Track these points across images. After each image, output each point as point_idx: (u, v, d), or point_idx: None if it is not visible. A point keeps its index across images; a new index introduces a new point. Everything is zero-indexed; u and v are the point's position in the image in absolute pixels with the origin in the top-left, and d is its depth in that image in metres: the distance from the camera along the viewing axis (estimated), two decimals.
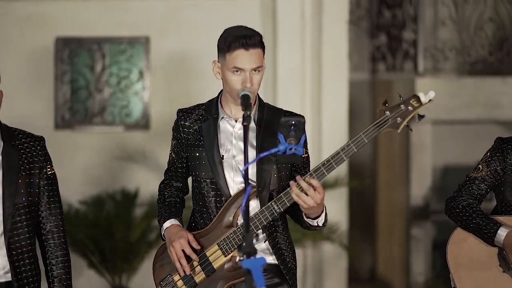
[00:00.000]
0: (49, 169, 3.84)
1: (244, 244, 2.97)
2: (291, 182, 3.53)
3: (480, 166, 4.02)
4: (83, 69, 7.42)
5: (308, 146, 3.85)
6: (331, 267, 7.45)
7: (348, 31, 7.49)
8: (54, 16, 7.35)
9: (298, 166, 3.75)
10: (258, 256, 3.63)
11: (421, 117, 3.55)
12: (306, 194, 3.50)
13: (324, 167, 3.52)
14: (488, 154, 4.03)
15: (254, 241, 3.70)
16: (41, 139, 3.84)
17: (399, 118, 3.53)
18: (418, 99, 3.54)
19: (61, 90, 7.39)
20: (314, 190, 3.49)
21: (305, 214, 3.62)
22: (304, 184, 3.50)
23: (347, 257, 7.50)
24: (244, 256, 2.96)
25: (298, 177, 3.52)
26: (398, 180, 8.40)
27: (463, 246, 3.98)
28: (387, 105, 3.56)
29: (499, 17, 8.35)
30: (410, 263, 8.09)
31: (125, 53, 7.41)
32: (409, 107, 3.53)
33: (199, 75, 7.29)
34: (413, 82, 7.91)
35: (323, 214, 3.63)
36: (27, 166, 3.77)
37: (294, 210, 3.66)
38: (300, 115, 3.74)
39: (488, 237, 3.91)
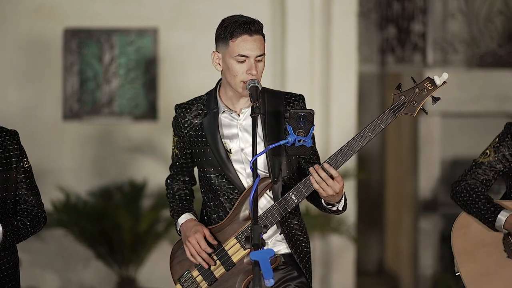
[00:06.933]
0: (25, 162, 3.78)
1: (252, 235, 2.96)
2: (311, 169, 3.49)
3: (487, 151, 3.95)
4: (91, 60, 7.41)
5: (316, 138, 3.78)
6: (338, 259, 7.44)
7: (357, 23, 7.47)
8: (63, 7, 7.34)
9: (306, 157, 3.70)
10: (271, 246, 3.64)
11: (436, 99, 3.54)
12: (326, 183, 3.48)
13: (341, 155, 3.51)
14: (497, 139, 3.95)
15: (270, 233, 3.66)
16: (15, 133, 3.78)
17: (414, 102, 3.52)
18: (432, 81, 3.53)
19: (69, 81, 7.39)
20: (333, 179, 3.48)
21: (324, 201, 3.60)
22: (323, 174, 3.47)
23: (354, 249, 7.49)
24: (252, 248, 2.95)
25: (316, 166, 3.48)
26: (406, 172, 8.38)
27: (468, 231, 3.91)
28: (400, 89, 3.55)
29: (508, 9, 8.30)
30: (418, 256, 8.07)
31: (134, 44, 7.40)
32: (424, 90, 3.53)
33: (207, 67, 7.26)
34: (422, 75, 7.87)
35: (343, 199, 3.59)
36: (4, 161, 3.70)
37: (313, 195, 3.62)
38: (299, 94, 3.72)
39: (489, 222, 3.85)
